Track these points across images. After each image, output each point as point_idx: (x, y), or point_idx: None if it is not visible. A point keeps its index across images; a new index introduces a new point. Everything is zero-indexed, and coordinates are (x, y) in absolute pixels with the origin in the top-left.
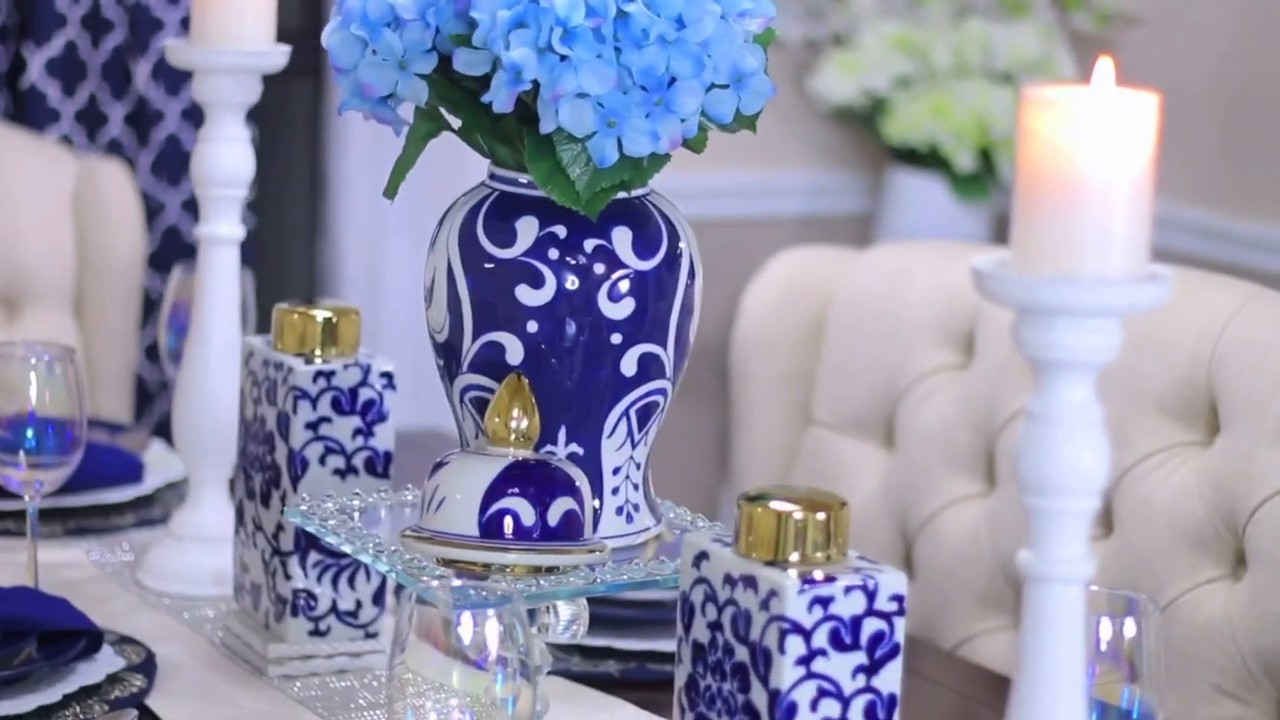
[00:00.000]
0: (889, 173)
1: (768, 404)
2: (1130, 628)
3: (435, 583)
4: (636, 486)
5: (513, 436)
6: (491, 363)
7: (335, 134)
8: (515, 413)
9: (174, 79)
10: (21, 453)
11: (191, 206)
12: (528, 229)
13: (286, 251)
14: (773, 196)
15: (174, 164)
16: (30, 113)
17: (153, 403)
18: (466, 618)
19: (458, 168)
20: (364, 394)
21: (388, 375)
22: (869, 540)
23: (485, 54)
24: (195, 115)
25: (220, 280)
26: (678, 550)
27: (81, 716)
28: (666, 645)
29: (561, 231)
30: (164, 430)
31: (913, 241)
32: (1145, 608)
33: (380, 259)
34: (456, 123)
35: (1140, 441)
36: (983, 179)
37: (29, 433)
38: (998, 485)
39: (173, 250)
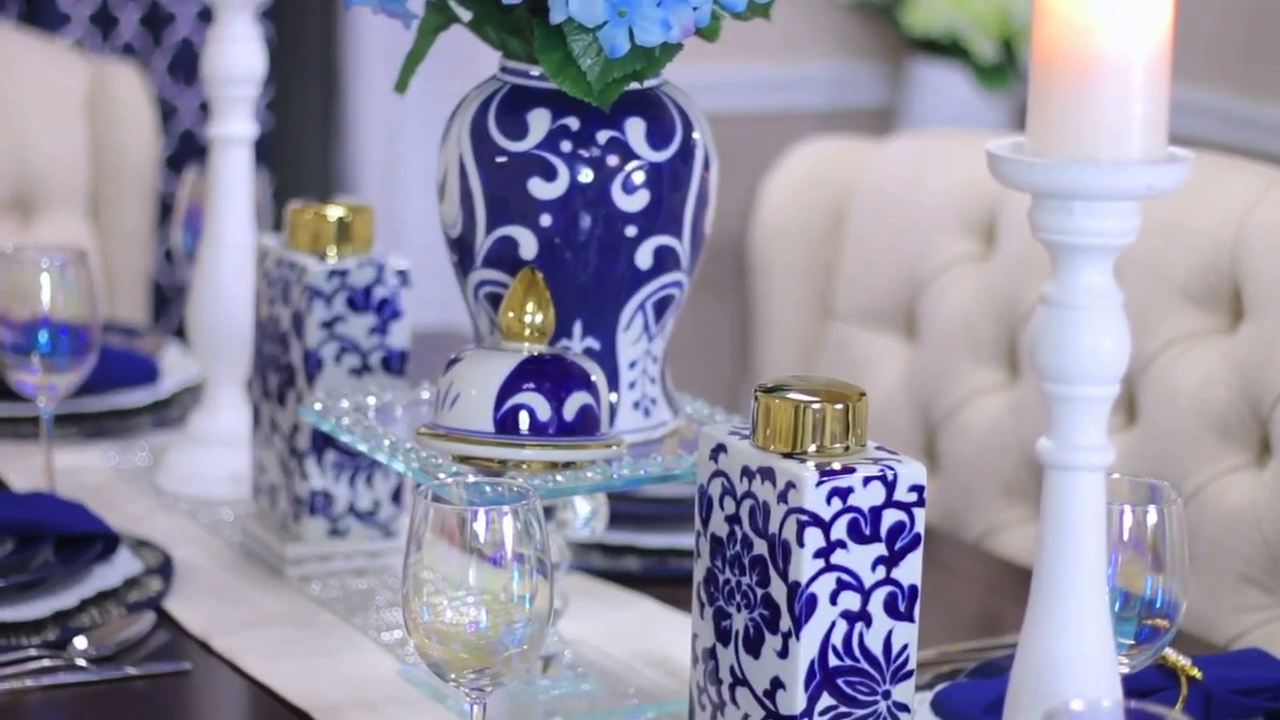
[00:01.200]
0: (909, 64)
1: (788, 297)
2: (1153, 515)
3: (450, 480)
4: (654, 380)
5: (527, 331)
6: (505, 257)
7: (349, 31)
8: (530, 307)
9: None
10: (35, 356)
11: (206, 109)
12: (539, 122)
13: (302, 151)
14: (792, 89)
15: (188, 66)
16: (43, 16)
17: (169, 306)
18: (482, 514)
19: (472, 61)
20: (378, 292)
21: (402, 273)
22: (892, 432)
23: None
24: (209, 17)
25: (233, 180)
26: (690, 442)
27: (99, 620)
28: (687, 541)
29: (574, 124)
30: (182, 333)
31: (932, 130)
32: (1167, 495)
33: (397, 156)
34: (466, 15)
35: (1164, 329)
36: (1004, 68)
37: (42, 336)
38: (1021, 375)
39: (188, 152)
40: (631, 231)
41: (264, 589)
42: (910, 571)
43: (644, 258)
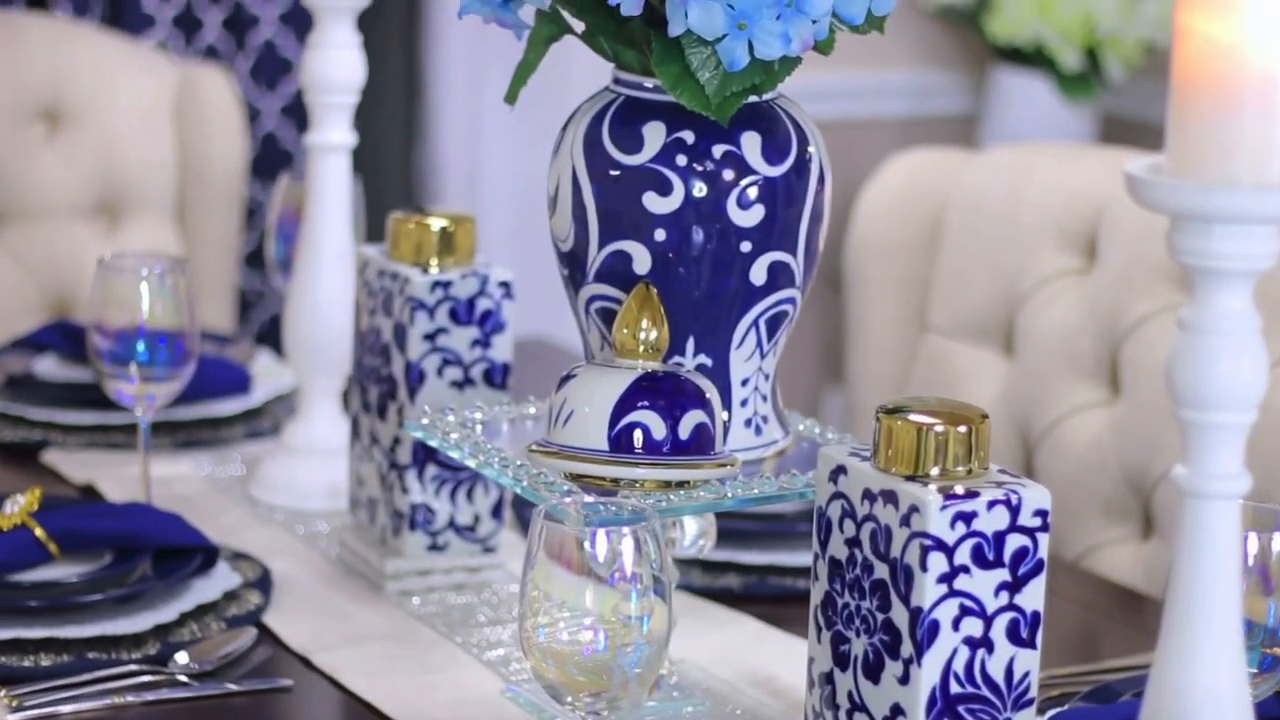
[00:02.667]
0: (993, 72)
1: (883, 309)
2: (1277, 543)
3: (568, 499)
4: (765, 398)
5: (641, 348)
6: (618, 272)
7: (432, 36)
8: (644, 323)
9: None
10: (133, 365)
11: (290, 112)
12: (655, 135)
13: (384, 157)
14: (876, 97)
15: (271, 69)
16: (127, 18)
17: (251, 311)
18: (601, 535)
19: (557, 69)
20: (482, 304)
21: (506, 285)
22: (990, 449)
23: None
24: (292, 19)
25: (332, 188)
26: (805, 462)
27: (199, 634)
28: (788, 559)
29: (689, 137)
30: (264, 339)
31: (1030, 143)
32: None
33: (480, 164)
34: (578, 26)
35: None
36: (1089, 78)
37: (140, 345)
38: (1122, 393)
39: (271, 157)
40: (746, 247)
41: (363, 604)
42: (1033, 598)
43: (758, 274)
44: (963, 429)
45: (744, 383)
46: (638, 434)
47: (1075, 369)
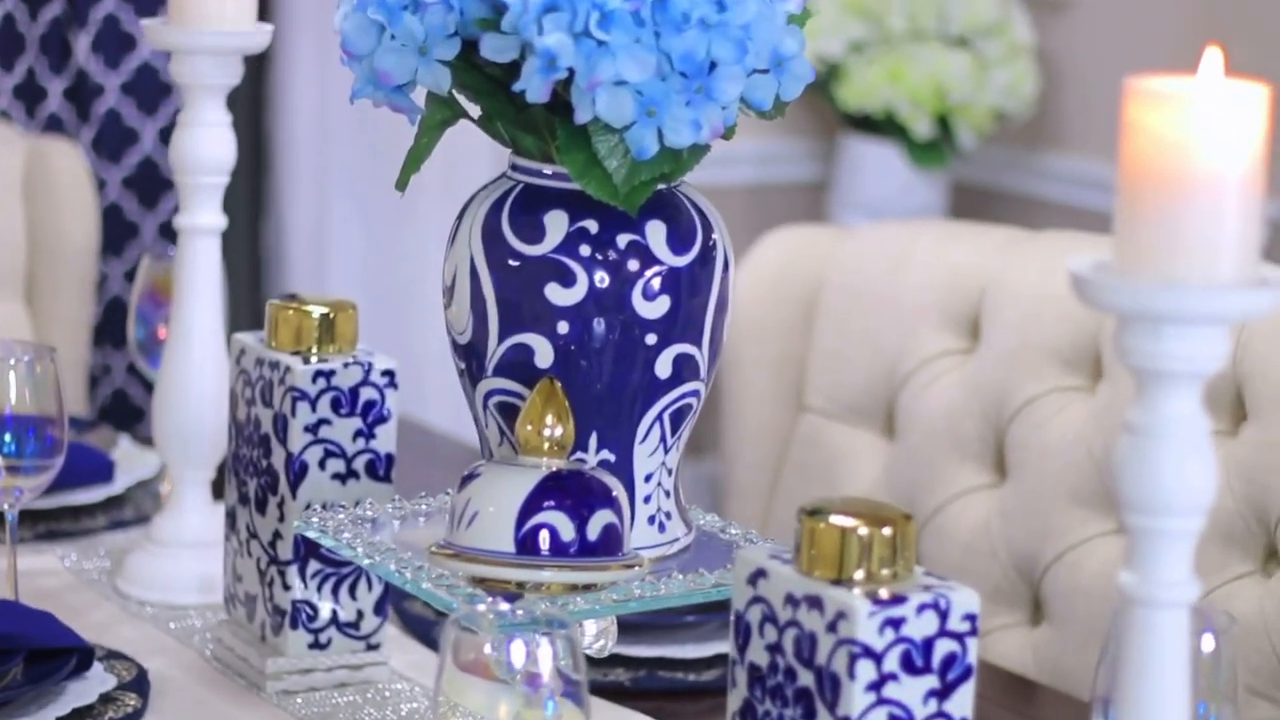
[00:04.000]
0: (843, 139)
1: (759, 389)
2: (1209, 642)
3: (480, 606)
4: (668, 494)
5: (546, 445)
6: (519, 365)
7: (280, 108)
8: (549, 420)
9: (114, 52)
10: None
11: (133, 184)
12: (557, 224)
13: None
14: (722, 164)
15: (115, 140)
16: None
17: (95, 388)
18: (517, 643)
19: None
20: (365, 394)
21: (389, 374)
22: (915, 550)
23: (514, 39)
24: (135, 89)
25: (202, 272)
26: (708, 558)
27: None
28: (677, 651)
29: (593, 226)
30: (107, 416)
31: (906, 221)
32: (1223, 623)
33: (328, 241)
34: (474, 110)
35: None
36: (940, 146)
37: (7, 436)
38: (1009, 476)
39: (115, 230)
40: (651, 339)
41: (243, 704)
42: (963, 704)
43: (663, 367)
44: (887, 530)
45: (647, 478)
46: (545, 535)
47: (960, 451)
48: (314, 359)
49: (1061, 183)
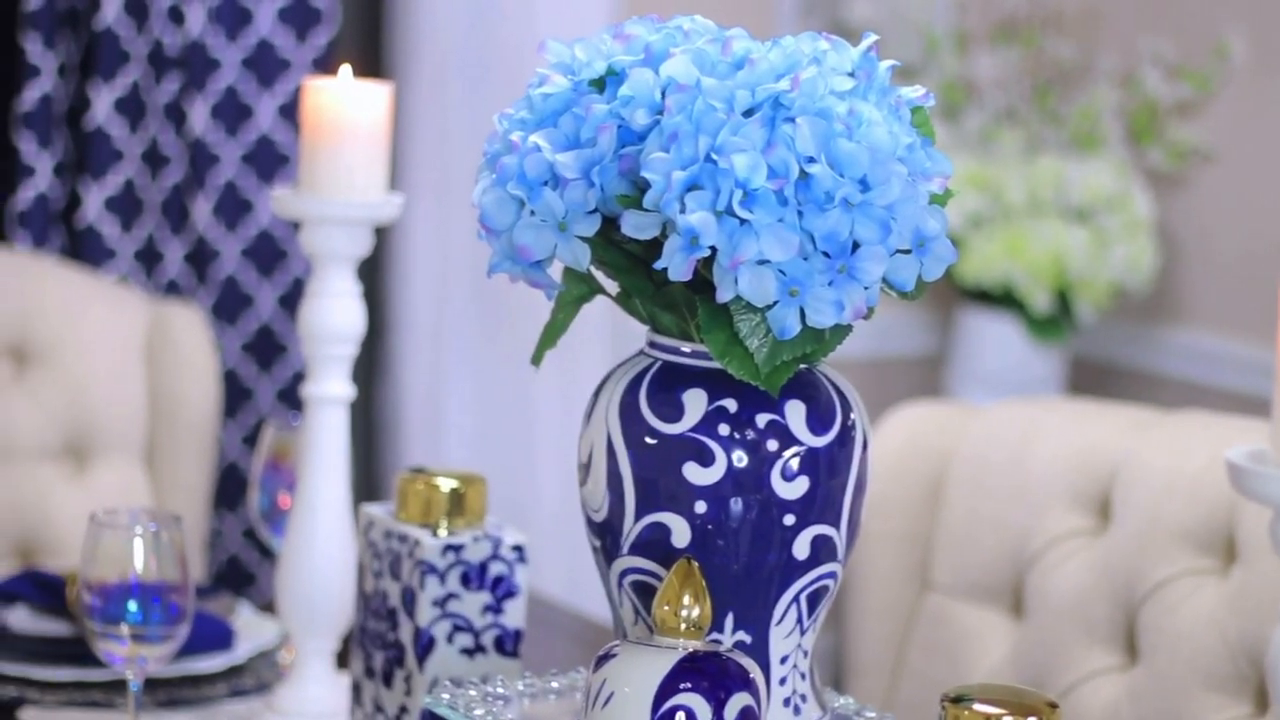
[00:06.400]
0: (959, 313)
1: (883, 566)
2: None
3: None
4: (804, 676)
5: (683, 625)
6: (655, 545)
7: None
8: (686, 600)
9: (233, 217)
10: (124, 625)
11: (250, 349)
12: (695, 402)
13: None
14: None
15: (233, 305)
16: (87, 250)
17: (211, 552)
18: None
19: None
20: (494, 568)
21: (519, 549)
22: None
23: (656, 217)
24: (254, 255)
25: (329, 442)
26: None
27: None
28: None
29: (732, 405)
30: (222, 582)
31: (1035, 399)
32: None
33: (443, 408)
34: (611, 287)
35: None
36: (1059, 321)
37: (133, 604)
38: (1140, 659)
39: (232, 395)
40: (789, 520)
41: None
42: None
43: (801, 548)
44: None
45: (783, 660)
46: (681, 717)
47: (1089, 633)
48: (443, 533)
49: (1181, 358)
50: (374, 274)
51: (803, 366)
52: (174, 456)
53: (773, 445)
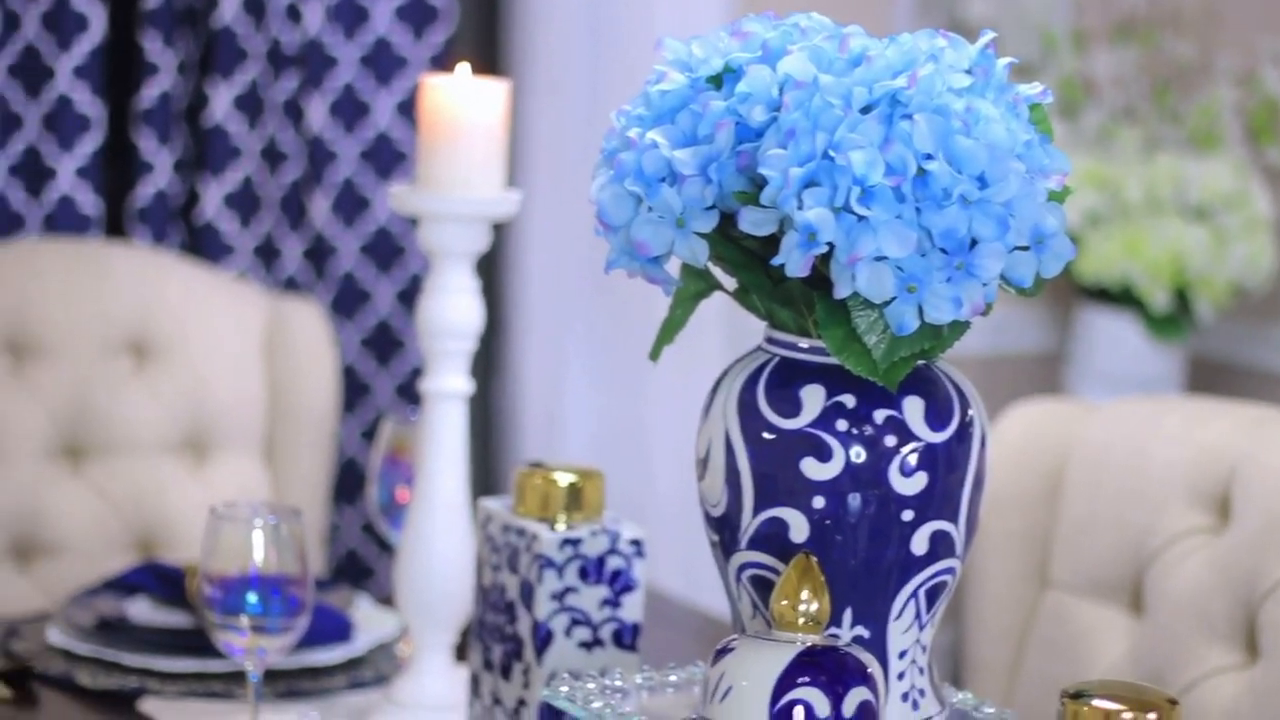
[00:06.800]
0: (1078, 311)
1: (1002, 562)
2: None
3: None
4: (922, 671)
5: (801, 620)
6: (773, 539)
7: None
8: (804, 595)
9: (350, 213)
10: (244, 616)
11: (369, 344)
12: (813, 398)
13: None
14: None
15: (351, 300)
16: (206, 246)
17: (329, 546)
18: None
19: (632, 305)
20: (612, 562)
21: (637, 543)
22: None
23: (773, 213)
24: (373, 251)
25: (447, 437)
26: None
27: None
28: None
29: (850, 401)
30: (341, 575)
31: (1153, 397)
32: None
33: (560, 403)
34: (728, 282)
35: None
36: (1178, 319)
37: (253, 596)
38: (1261, 657)
39: (350, 389)
40: (908, 515)
41: None
42: None
43: (919, 543)
44: (1152, 717)
45: (901, 655)
46: (800, 712)
47: (1209, 631)
48: (561, 527)
49: None
50: (493, 271)
51: (920, 362)
52: (293, 451)
53: (891, 441)
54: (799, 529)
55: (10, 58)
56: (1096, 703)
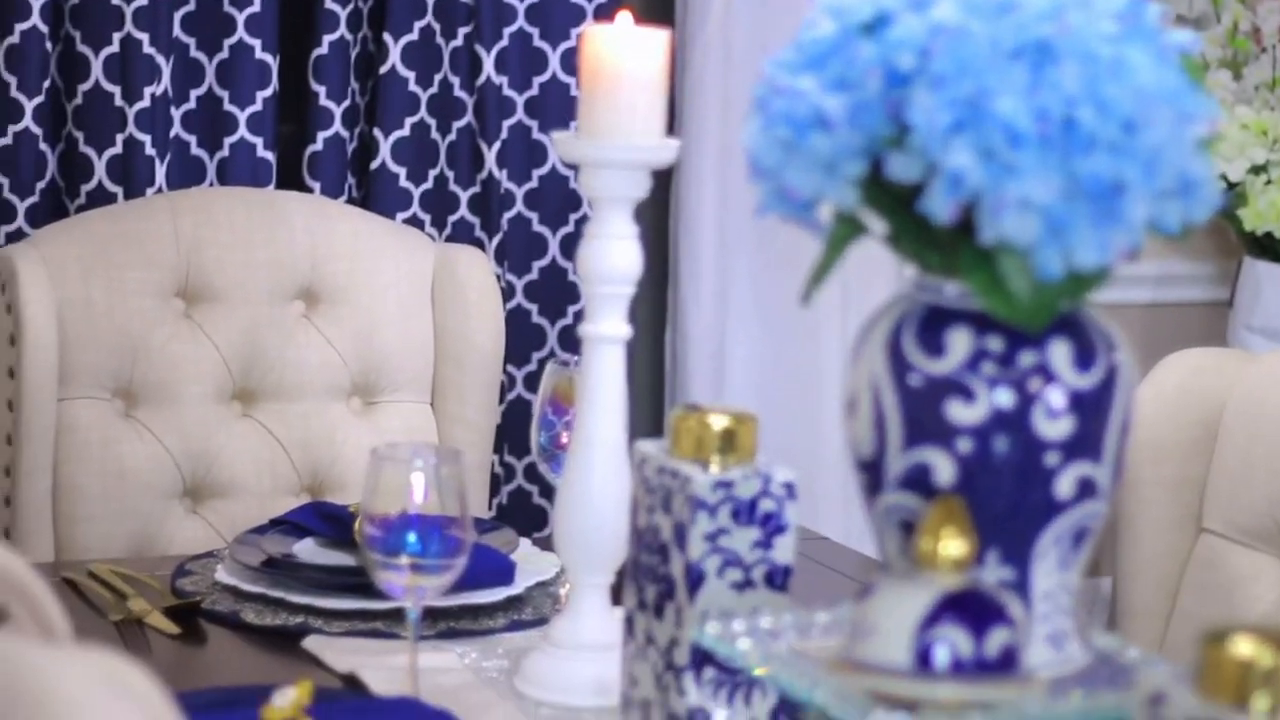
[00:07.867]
0: (1245, 262)
1: (1155, 509)
2: None
3: None
4: (1066, 613)
5: (945, 562)
6: (919, 482)
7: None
8: (948, 536)
9: (521, 162)
10: (404, 556)
11: (537, 291)
12: (960, 342)
13: (633, 341)
14: (1121, 284)
15: (520, 248)
16: (378, 194)
17: (497, 490)
18: None
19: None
20: (764, 505)
21: (789, 485)
22: None
23: (920, 159)
24: (541, 199)
25: (606, 380)
26: (1106, 679)
27: None
28: None
29: (996, 345)
30: (508, 518)
31: None
32: None
33: (728, 351)
34: (878, 226)
35: None
36: None
37: (412, 536)
38: None
39: (519, 336)
40: (1053, 459)
41: None
42: None
43: (1064, 486)
44: None
45: (1045, 597)
46: (942, 651)
47: None
48: (715, 469)
49: None
50: (662, 220)
51: (1067, 307)
52: (460, 395)
53: (1036, 384)
54: (945, 472)
55: (189, 6)
56: (1237, 647)
